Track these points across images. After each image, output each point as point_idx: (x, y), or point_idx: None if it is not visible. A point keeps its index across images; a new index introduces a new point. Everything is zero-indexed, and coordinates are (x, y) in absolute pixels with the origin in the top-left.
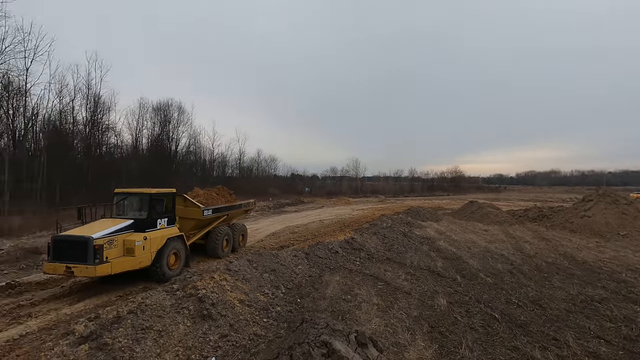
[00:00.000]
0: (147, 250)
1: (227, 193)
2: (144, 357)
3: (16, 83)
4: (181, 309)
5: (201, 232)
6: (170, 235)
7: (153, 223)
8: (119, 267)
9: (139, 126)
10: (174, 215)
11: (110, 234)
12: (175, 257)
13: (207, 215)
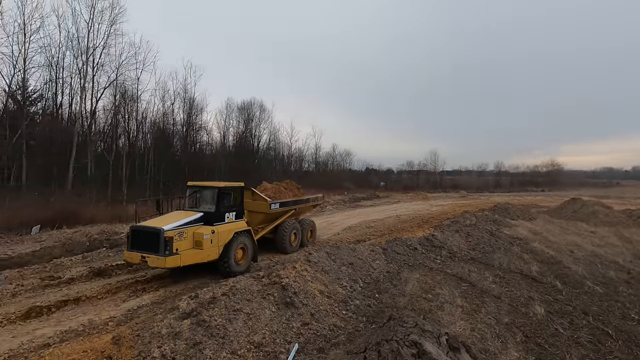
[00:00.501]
0: (215, 243)
1: (295, 187)
2: (236, 336)
3: (130, 91)
4: (267, 295)
5: (269, 226)
6: (237, 229)
7: (221, 217)
8: (188, 259)
9: (226, 125)
10: (242, 210)
11: (181, 226)
12: (242, 252)
13: (274, 209)
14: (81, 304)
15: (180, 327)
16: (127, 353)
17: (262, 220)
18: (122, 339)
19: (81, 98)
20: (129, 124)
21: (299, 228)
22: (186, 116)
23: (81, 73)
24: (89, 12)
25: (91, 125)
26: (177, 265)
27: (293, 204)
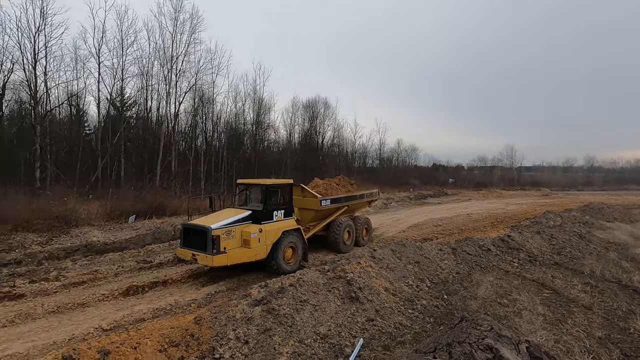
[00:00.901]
0: (263, 242)
1: (348, 183)
2: (303, 325)
3: (207, 94)
4: (332, 288)
5: (321, 224)
6: (286, 227)
7: (269, 215)
8: (235, 258)
9: (292, 123)
10: (291, 207)
11: (228, 225)
12: (292, 251)
13: (325, 206)
14: (168, 285)
15: (252, 313)
16: (207, 332)
17: (313, 217)
18: (202, 320)
19: (166, 102)
20: (206, 124)
21: (352, 226)
22: (255, 115)
23: (166, 80)
24: (173, 24)
25: (175, 127)
26: (225, 264)
27: (345, 200)
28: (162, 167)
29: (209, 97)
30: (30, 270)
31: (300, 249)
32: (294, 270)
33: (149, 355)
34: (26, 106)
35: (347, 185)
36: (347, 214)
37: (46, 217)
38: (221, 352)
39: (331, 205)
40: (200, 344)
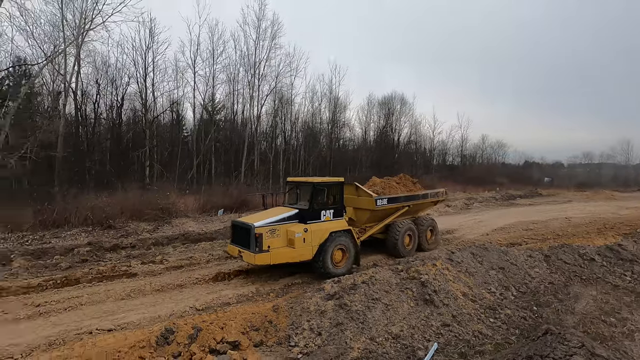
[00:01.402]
0: (308, 243)
1: (410, 182)
2: (374, 323)
3: (286, 96)
4: (405, 289)
5: (378, 225)
6: (334, 228)
7: (316, 214)
8: (278, 257)
9: (367, 120)
10: (341, 207)
11: (273, 223)
12: (342, 254)
13: (381, 206)
14: (250, 275)
15: (325, 307)
16: (283, 321)
17: (370, 218)
18: (279, 308)
19: (250, 105)
20: (285, 125)
21: (414, 228)
22: (331, 114)
23: (250, 84)
24: (256, 32)
25: (257, 128)
26: (267, 263)
27: (405, 200)
28: (246, 166)
29: (287, 98)
30: (142, 253)
31: (352, 252)
32: (343, 274)
33: (233, 335)
34: (138, 114)
35: (409, 184)
36: (410, 215)
37: (153, 208)
38: (296, 340)
39: (388, 205)
40: (278, 331)
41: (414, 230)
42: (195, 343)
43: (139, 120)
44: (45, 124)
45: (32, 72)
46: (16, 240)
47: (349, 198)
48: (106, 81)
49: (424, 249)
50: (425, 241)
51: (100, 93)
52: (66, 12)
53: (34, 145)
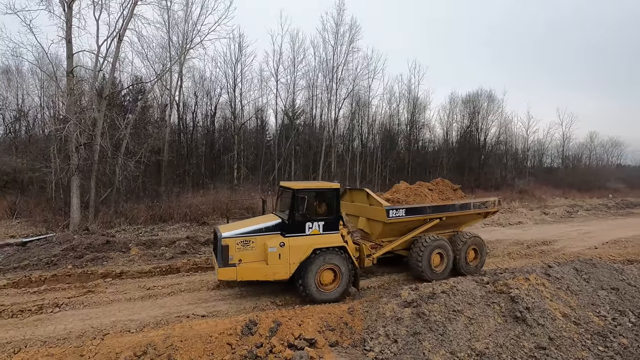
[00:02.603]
0: (285, 260)
1: (450, 188)
2: (455, 337)
3: (363, 99)
4: (491, 303)
5: (398, 241)
6: (320, 244)
7: (298, 226)
8: (246, 274)
9: (449, 120)
10: (335, 219)
11: (248, 234)
12: (332, 275)
13: (395, 217)
14: None
15: (401, 314)
16: (358, 324)
17: (385, 231)
18: (355, 311)
19: (327, 109)
20: (362, 127)
21: (447, 246)
22: (410, 115)
23: (328, 89)
24: (334, 37)
25: (334, 131)
26: (232, 278)
27: (433, 211)
28: (324, 168)
29: (364, 101)
30: None
31: (346, 274)
32: (332, 300)
33: (310, 333)
34: (228, 121)
35: (447, 190)
36: (448, 230)
37: (240, 207)
38: (371, 345)
39: (407, 217)
40: (353, 333)
41: (446, 248)
42: (275, 336)
43: (228, 127)
44: (155, 132)
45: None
46: (133, 231)
47: (360, 207)
48: (202, 93)
49: (462, 271)
50: (465, 263)
51: (198, 104)
52: (172, 35)
53: (146, 151)
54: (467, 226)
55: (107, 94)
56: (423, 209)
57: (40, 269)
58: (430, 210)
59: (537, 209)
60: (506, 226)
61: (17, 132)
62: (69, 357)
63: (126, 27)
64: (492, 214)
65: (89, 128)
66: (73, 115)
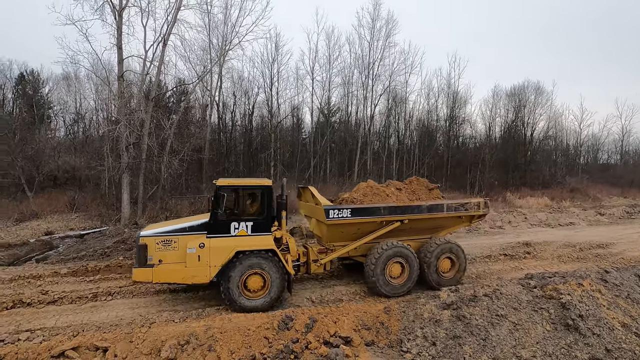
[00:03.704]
0: (204, 262)
1: (424, 188)
2: (499, 343)
3: (400, 94)
4: (539, 308)
5: (350, 246)
6: (245, 247)
7: (223, 226)
8: (162, 276)
9: (492, 115)
10: (267, 220)
11: (169, 233)
12: (261, 281)
13: (336, 219)
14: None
15: (440, 316)
16: (395, 324)
17: (334, 234)
18: (391, 311)
19: (363, 106)
20: (398, 124)
21: (408, 255)
22: (449, 111)
23: (364, 85)
24: (370, 33)
25: (370, 128)
26: (147, 280)
27: (389, 213)
28: (359, 165)
29: (401, 97)
30: None
31: (276, 280)
32: (261, 309)
33: (345, 331)
34: (265, 119)
35: (420, 190)
36: (422, 236)
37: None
38: (408, 346)
39: (353, 218)
40: (389, 334)
41: (408, 257)
42: (311, 332)
43: (265, 126)
44: (197, 132)
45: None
46: None
47: (310, 207)
48: (240, 93)
49: (434, 285)
50: (436, 274)
51: (236, 103)
52: (212, 38)
53: (189, 150)
54: (447, 232)
55: (153, 96)
56: (375, 209)
57: (96, 259)
58: (385, 212)
59: (592, 209)
60: (555, 227)
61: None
62: (120, 342)
63: (170, 31)
64: (479, 219)
65: (137, 128)
66: (123, 117)
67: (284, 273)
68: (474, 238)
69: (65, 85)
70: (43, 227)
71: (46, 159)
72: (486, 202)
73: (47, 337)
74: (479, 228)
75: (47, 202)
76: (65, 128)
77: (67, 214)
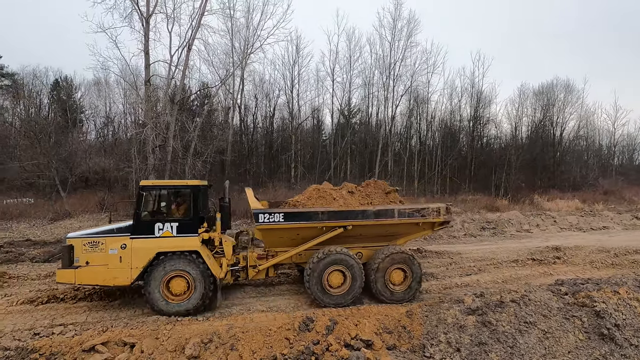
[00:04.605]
0: (126, 264)
1: (381, 191)
2: (527, 351)
3: (422, 95)
4: (571, 317)
5: (290, 252)
6: (167, 248)
7: (147, 227)
8: (85, 278)
9: (518, 114)
10: (194, 221)
11: (96, 234)
12: (185, 284)
13: (267, 223)
14: None
15: (464, 322)
16: (418, 328)
17: (271, 239)
18: (413, 315)
19: (384, 107)
20: (420, 124)
21: (351, 263)
22: (473, 111)
23: (385, 86)
24: (391, 33)
25: (391, 129)
26: (70, 282)
27: (328, 218)
28: (380, 167)
29: (423, 97)
30: None
31: (200, 283)
32: (185, 313)
33: (367, 334)
34: (286, 121)
35: (376, 194)
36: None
37: None
38: (431, 351)
39: (287, 223)
40: (411, 338)
41: (350, 265)
42: (332, 334)
43: (286, 128)
44: (219, 134)
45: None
46: None
47: None
48: (262, 95)
49: (381, 299)
50: (383, 286)
51: (258, 106)
52: (234, 42)
53: (212, 152)
54: (407, 240)
55: (178, 100)
56: (311, 214)
57: None
58: (324, 217)
59: (627, 213)
60: (587, 231)
61: (105, 136)
62: (146, 338)
63: (194, 36)
64: (441, 226)
65: (163, 131)
66: (150, 120)
67: (209, 276)
68: (500, 241)
69: (96, 90)
70: (75, 225)
71: (78, 161)
72: (448, 208)
73: (79, 332)
74: (504, 231)
75: (78, 202)
76: (95, 131)
77: (97, 214)
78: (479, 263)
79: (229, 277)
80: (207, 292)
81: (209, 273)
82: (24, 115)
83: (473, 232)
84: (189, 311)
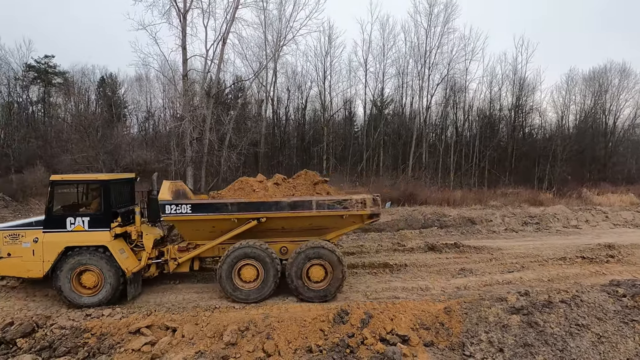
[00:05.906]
0: (38, 257)
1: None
2: (579, 356)
3: (459, 83)
4: (630, 320)
5: (207, 245)
6: (75, 242)
7: (59, 221)
8: (5, 269)
9: (566, 102)
10: (105, 216)
11: (16, 227)
12: (94, 279)
13: (175, 215)
14: (419, 269)
15: (508, 321)
16: (457, 326)
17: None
18: (452, 311)
19: (419, 97)
20: (457, 114)
21: (262, 257)
22: (515, 99)
23: (419, 75)
24: (427, 20)
25: (426, 119)
26: None
27: (238, 210)
28: (414, 159)
29: (460, 85)
30: None
31: (110, 277)
32: (93, 305)
33: (403, 329)
34: (318, 113)
35: (303, 185)
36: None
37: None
38: (471, 350)
39: (195, 215)
40: (450, 335)
41: (262, 259)
42: (367, 328)
43: (318, 119)
44: (253, 126)
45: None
46: None
47: None
48: (294, 87)
49: (296, 295)
50: (300, 283)
51: (290, 98)
52: (267, 34)
53: (246, 144)
54: (338, 234)
55: (213, 93)
56: (220, 206)
57: None
58: (234, 209)
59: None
60: None
61: (146, 129)
62: (187, 324)
63: (229, 30)
64: (372, 219)
65: (200, 124)
66: (187, 113)
67: (118, 270)
68: (544, 237)
69: (137, 86)
70: None
71: (123, 154)
72: (375, 199)
73: (126, 315)
74: (549, 227)
75: None
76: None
77: None
78: (522, 260)
79: (153, 270)
80: (117, 286)
81: (118, 267)
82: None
83: (514, 227)
84: (101, 302)
